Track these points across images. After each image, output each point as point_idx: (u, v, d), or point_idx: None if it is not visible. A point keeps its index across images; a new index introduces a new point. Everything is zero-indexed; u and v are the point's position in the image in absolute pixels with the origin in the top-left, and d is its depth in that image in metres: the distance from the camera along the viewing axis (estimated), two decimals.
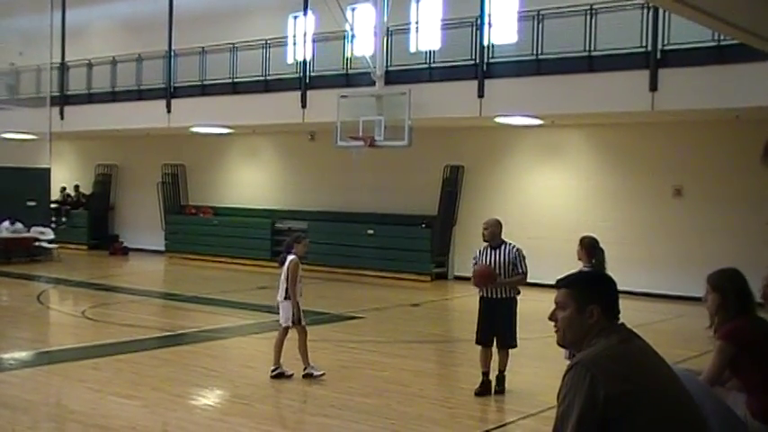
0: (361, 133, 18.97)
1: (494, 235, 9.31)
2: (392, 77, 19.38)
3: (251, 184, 25.99)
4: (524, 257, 9.28)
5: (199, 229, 25.88)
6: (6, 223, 23.60)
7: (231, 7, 25.04)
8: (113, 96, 25.74)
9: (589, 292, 3.45)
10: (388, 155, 20.31)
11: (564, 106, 17.57)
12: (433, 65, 19.36)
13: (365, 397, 9.30)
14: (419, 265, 20.99)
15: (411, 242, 21.39)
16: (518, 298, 9.41)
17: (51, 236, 25.05)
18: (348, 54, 21.04)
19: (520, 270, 9.20)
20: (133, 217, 28.91)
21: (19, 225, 23.92)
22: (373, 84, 19.31)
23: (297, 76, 21.57)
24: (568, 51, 17.27)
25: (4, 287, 19.54)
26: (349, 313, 15.63)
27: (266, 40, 22.46)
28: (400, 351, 12.22)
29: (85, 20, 28.60)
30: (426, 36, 20.08)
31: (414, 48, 20.22)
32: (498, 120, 19.04)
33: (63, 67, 27.22)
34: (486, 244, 9.37)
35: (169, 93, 24.03)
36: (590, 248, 8.45)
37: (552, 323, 3.53)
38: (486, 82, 18.19)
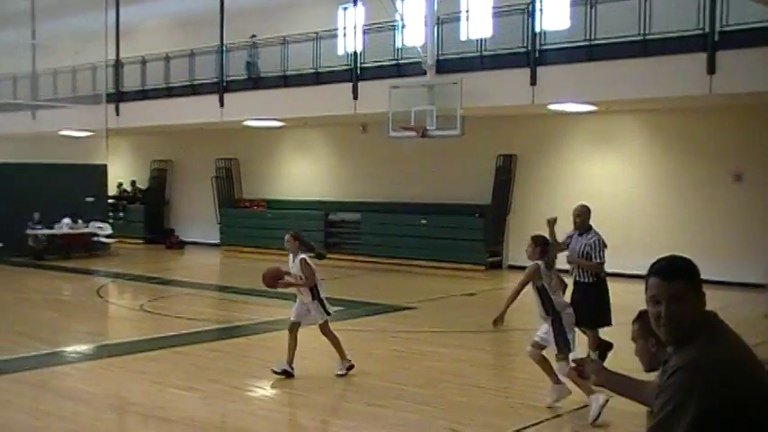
0: (413, 123, 18.92)
1: (584, 222, 9.73)
2: (443, 67, 19.27)
3: (303, 176, 26.10)
4: (602, 247, 9.65)
5: (252, 222, 26.08)
6: (66, 219, 24.02)
7: (282, 0, 25.13)
8: (167, 92, 26.02)
9: (699, 280, 3.05)
10: (440, 144, 20.23)
11: (618, 92, 17.29)
12: (484, 53, 19.19)
13: (420, 387, 9.28)
14: (473, 255, 20.88)
15: (465, 232, 21.28)
16: (605, 279, 9.75)
17: (109, 231, 25.45)
18: (398, 44, 20.99)
19: (593, 258, 9.61)
20: (188, 211, 29.24)
21: (78, 221, 24.34)
22: (424, 73, 19.22)
23: (348, 67, 21.56)
24: (622, 36, 16.97)
25: (64, 282, 19.92)
26: (403, 304, 15.61)
27: (317, 33, 22.50)
28: (455, 341, 12.16)
29: (139, 17, 28.93)
30: (477, 24, 19.91)
31: (464, 36, 20.06)
32: (551, 107, 18.83)
33: (118, 65, 27.58)
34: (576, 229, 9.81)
35: (222, 87, 24.20)
36: (544, 246, 8.41)
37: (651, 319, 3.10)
38: (539, 69, 17.99)
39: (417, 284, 19.08)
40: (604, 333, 9.79)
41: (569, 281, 9.53)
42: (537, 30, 18.27)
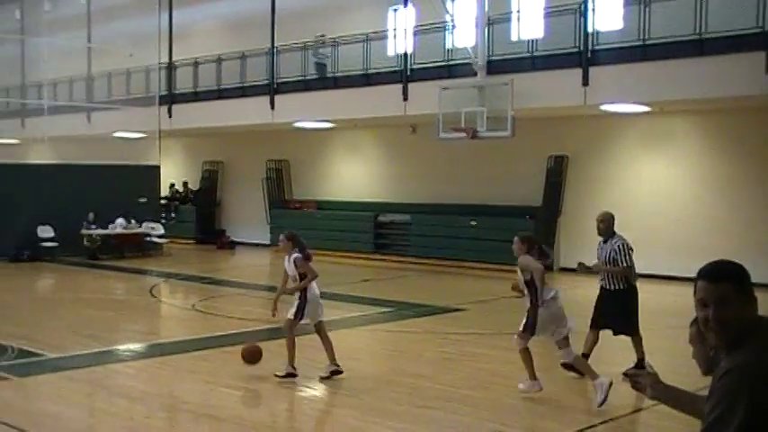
0: (463, 125, 18.84)
1: (608, 228, 9.56)
2: (494, 67, 19.17)
3: (353, 177, 26.16)
4: (628, 251, 9.41)
5: (302, 223, 26.10)
6: (120, 219, 24.37)
7: (332, 2, 25.24)
8: (219, 94, 26.26)
9: (749, 284, 3.01)
10: (490, 146, 20.13)
11: (672, 92, 17.02)
12: (535, 53, 19.05)
13: (471, 389, 9.22)
14: None
15: (514, 233, 21.03)
16: (635, 286, 9.56)
17: (161, 231, 25.77)
18: (449, 45, 20.93)
19: (621, 263, 9.40)
20: (239, 212, 29.47)
21: (131, 221, 24.68)
22: (475, 74, 19.15)
23: (398, 69, 21.55)
24: (677, 35, 16.71)
25: (118, 281, 20.19)
26: (452, 305, 15.54)
27: (367, 34, 22.54)
28: (505, 343, 12.01)
29: (191, 20, 29.26)
30: (528, 24, 19.78)
31: (515, 37, 19.94)
32: (604, 108, 18.60)
33: (170, 67, 27.92)
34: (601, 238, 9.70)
35: (272, 89, 24.35)
36: (530, 242, 8.98)
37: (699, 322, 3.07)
38: (591, 69, 17.79)
39: (467, 286, 19.00)
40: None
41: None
42: (589, 30, 18.07)
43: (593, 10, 18.14)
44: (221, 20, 29.31)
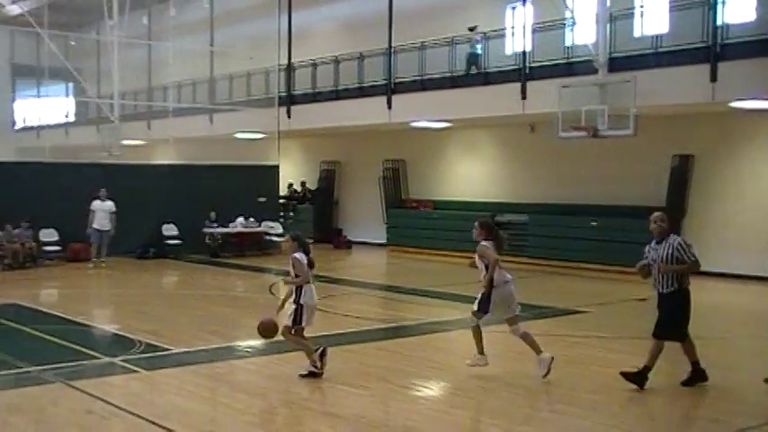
0: (583, 123, 18.45)
1: (662, 230, 9.19)
2: (616, 64, 18.69)
3: (470, 177, 25.98)
4: (687, 247, 9.10)
5: (419, 223, 26.20)
6: (240, 218, 24.90)
7: (449, 1, 25.13)
8: (336, 94, 26.53)
9: None
10: (611, 144, 19.64)
11: None
12: (659, 49, 18.47)
13: (592, 393, 9.01)
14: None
15: (636, 235, 20.32)
16: (689, 289, 9.16)
17: (280, 230, 26.20)
18: (568, 43, 20.54)
19: (685, 260, 9.02)
20: (355, 211, 29.70)
21: (251, 220, 25.18)
22: (595, 72, 18.71)
23: (516, 67, 21.28)
24: None
25: (238, 279, 20.62)
26: (572, 307, 15.23)
27: (484, 33, 22.34)
28: (626, 347, 11.73)
29: (310, 22, 29.68)
30: (652, 19, 19.19)
31: (638, 32, 19.39)
32: (733, 105, 17.83)
33: (289, 69, 28.35)
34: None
35: (390, 89, 24.42)
36: (488, 228, 9.80)
37: None
38: (720, 65, 17.08)
39: (586, 288, 18.58)
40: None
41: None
42: (718, 23, 17.39)
43: (723, 2, 17.43)
44: (339, 21, 29.63)
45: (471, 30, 22.52)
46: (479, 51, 22.45)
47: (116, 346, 11.82)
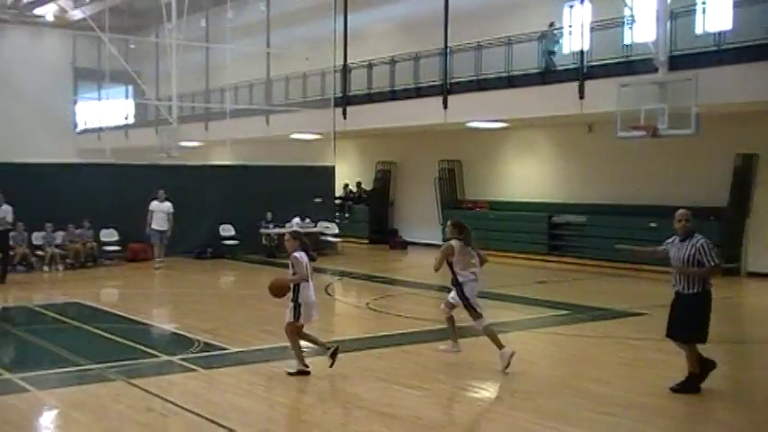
0: (642, 123, 18.15)
1: (686, 228, 9.01)
2: (676, 63, 18.34)
3: (527, 177, 25.76)
4: (710, 249, 8.85)
5: (475, 224, 25.68)
6: (296, 219, 25.00)
7: (506, 0, 24.95)
8: (392, 95, 26.52)
9: None
10: (671, 144, 19.31)
11: None
12: (722, 47, 18.10)
13: (651, 396, 8.86)
14: None
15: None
16: (711, 290, 8.91)
17: (335, 230, 26.29)
18: (627, 41, 20.23)
19: (707, 263, 8.77)
20: (411, 212, 29.64)
21: (307, 220, 25.28)
22: (655, 70, 18.38)
23: (574, 66, 21.03)
24: None
25: None
26: (631, 309, 14.97)
27: (542, 32, 22.14)
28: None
29: (365, 23, 29.71)
30: (715, 16, 18.80)
31: (700, 29, 19.03)
32: None
33: (345, 70, 28.42)
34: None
35: (446, 89, 24.33)
36: (460, 227, 10.25)
37: None
38: None
39: (646, 289, 18.26)
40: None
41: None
42: None
43: None
44: (395, 22, 29.62)
45: (550, 26, 22.29)
46: (555, 49, 22.22)
47: (175, 344, 11.95)
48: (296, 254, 9.77)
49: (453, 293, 10.29)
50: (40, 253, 20.74)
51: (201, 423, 7.87)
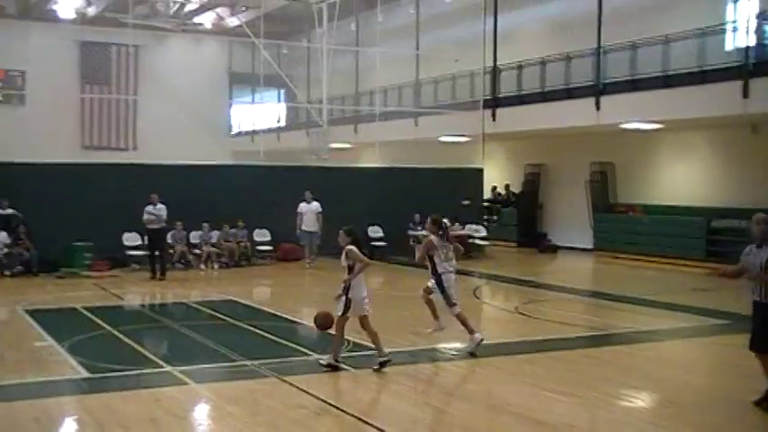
0: None
1: (764, 233, 8.41)
2: None
3: (684, 180, 24.77)
4: None
5: (628, 228, 25.30)
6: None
7: None
8: (543, 96, 26.09)
9: None
10: None
11: None
12: None
13: None
14: None
15: None
16: None
17: (484, 233, 26.09)
18: None
19: None
20: (561, 215, 29.09)
21: (455, 223, 25.17)
22: None
23: (738, 63, 20.06)
24: None
25: None
26: None
27: (701, 29, 21.25)
28: None
29: (515, 23, 29.38)
30: None
31: None
32: None
33: (495, 71, 28.17)
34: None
35: (598, 90, 23.73)
36: (438, 224, 11.24)
37: None
38: None
39: None
40: None
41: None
42: None
43: None
44: (546, 22, 29.16)
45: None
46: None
47: (324, 343, 12.10)
48: (350, 246, 10.21)
49: (432, 281, 11.14)
50: (197, 251, 21.56)
51: (351, 421, 7.93)
